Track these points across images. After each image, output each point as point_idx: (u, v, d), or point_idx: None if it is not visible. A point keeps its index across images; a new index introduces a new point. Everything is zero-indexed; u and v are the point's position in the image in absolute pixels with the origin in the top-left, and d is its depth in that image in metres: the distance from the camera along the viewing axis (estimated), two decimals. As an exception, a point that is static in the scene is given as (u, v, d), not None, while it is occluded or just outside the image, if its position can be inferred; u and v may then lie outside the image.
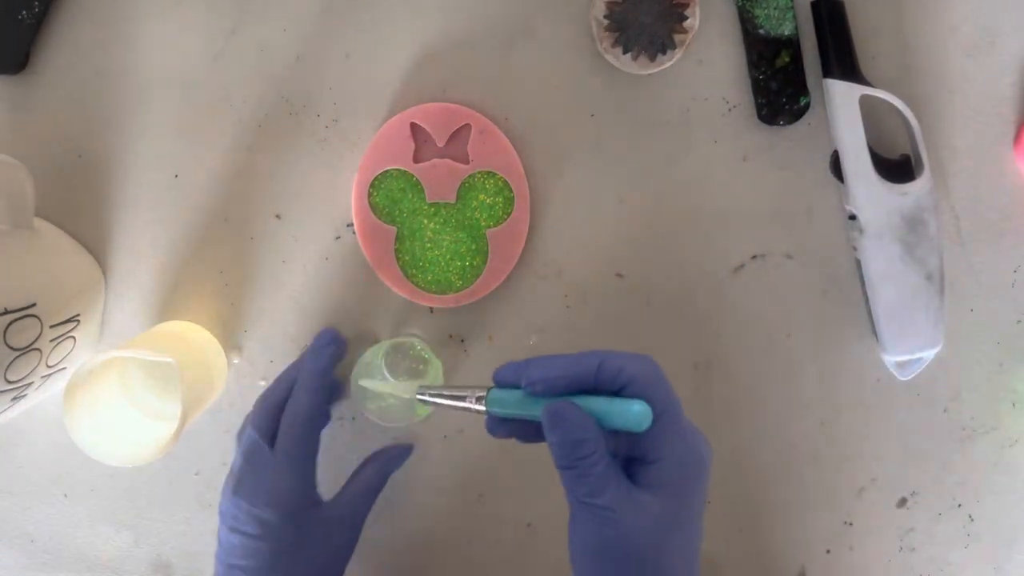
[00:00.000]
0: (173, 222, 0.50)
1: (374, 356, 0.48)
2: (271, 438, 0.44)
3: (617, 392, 0.34)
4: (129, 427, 0.47)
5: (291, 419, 0.43)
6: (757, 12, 0.47)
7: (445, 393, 0.38)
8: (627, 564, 0.33)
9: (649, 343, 0.50)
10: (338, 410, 0.51)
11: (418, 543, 0.52)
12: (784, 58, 0.48)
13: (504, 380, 0.36)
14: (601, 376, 0.34)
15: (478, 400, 0.37)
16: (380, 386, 0.46)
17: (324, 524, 0.44)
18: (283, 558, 0.42)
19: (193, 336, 0.49)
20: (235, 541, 0.42)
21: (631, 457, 0.35)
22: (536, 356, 0.36)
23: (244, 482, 0.43)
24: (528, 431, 0.36)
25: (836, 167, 0.47)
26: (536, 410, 0.34)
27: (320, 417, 0.44)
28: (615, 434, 0.35)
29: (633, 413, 0.33)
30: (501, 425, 0.37)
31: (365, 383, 0.47)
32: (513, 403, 0.36)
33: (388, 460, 0.49)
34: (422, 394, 0.39)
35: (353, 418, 0.51)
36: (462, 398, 0.38)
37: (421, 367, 0.49)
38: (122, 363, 0.49)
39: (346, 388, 0.50)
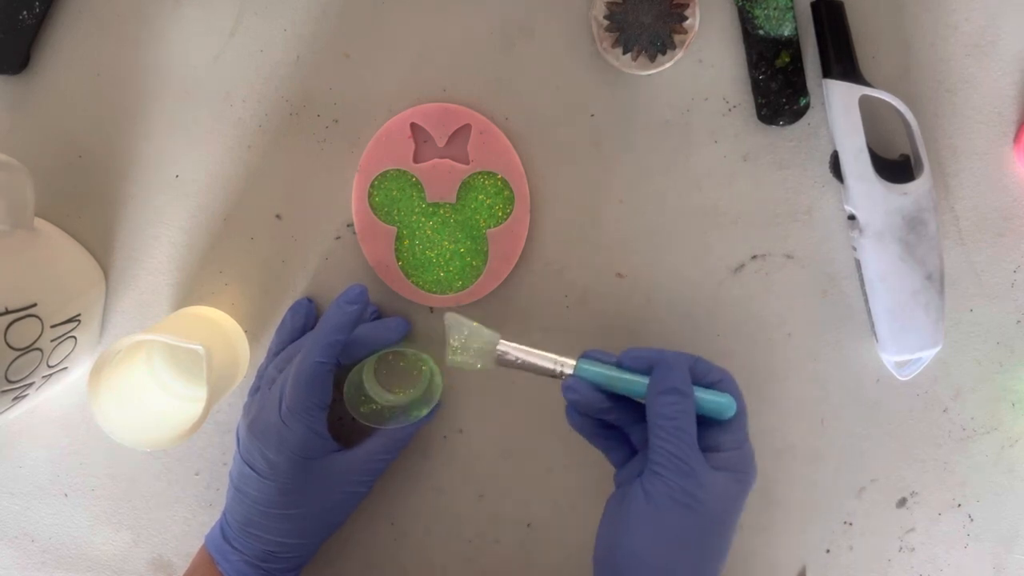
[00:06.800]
0: (173, 222, 0.50)
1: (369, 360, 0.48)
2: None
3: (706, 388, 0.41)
4: (154, 411, 0.47)
5: (296, 375, 0.43)
6: (757, 12, 0.47)
7: (531, 352, 0.41)
8: (704, 529, 0.38)
9: (649, 343, 0.50)
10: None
11: (417, 543, 0.52)
12: (784, 58, 0.48)
13: (592, 356, 0.42)
14: (697, 368, 0.41)
15: (565, 366, 0.41)
16: (462, 346, 0.42)
17: (333, 474, 0.45)
18: (289, 497, 0.44)
19: (218, 320, 0.49)
20: (246, 472, 0.44)
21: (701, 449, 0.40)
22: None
23: (258, 422, 0.44)
24: (600, 404, 0.41)
25: (836, 167, 0.47)
26: (622, 382, 0.40)
27: (325, 375, 0.43)
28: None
29: (723, 402, 0.40)
30: (581, 392, 0.41)
31: (423, 356, 0.48)
32: (601, 373, 0.41)
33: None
34: (505, 352, 0.41)
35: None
36: (549, 360, 0.41)
37: (415, 373, 0.50)
38: (148, 346, 0.49)
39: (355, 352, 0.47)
